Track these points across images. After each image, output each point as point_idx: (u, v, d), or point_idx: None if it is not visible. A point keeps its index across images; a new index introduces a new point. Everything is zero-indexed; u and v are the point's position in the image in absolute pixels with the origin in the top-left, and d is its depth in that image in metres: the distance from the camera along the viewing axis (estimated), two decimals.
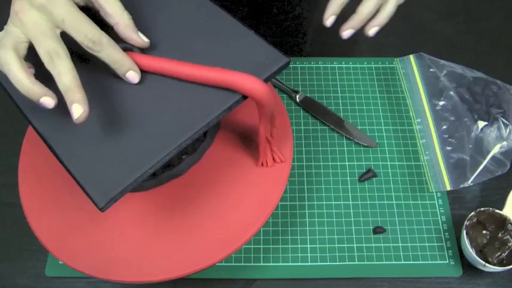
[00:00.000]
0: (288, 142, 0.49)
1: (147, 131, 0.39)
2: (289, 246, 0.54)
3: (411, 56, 0.66)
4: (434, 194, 0.58)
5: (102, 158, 0.38)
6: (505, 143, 0.58)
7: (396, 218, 0.56)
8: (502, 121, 0.59)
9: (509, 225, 0.51)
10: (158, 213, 0.46)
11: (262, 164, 0.48)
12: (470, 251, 0.50)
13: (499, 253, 0.50)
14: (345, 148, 0.61)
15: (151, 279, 0.43)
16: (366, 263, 0.53)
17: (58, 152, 0.39)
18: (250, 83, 0.37)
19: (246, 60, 0.40)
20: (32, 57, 0.37)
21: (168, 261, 0.43)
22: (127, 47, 0.40)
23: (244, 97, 0.39)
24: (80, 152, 0.38)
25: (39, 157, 0.49)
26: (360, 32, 0.71)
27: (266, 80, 0.39)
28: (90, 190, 0.37)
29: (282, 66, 0.39)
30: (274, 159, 0.48)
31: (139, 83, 0.41)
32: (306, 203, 0.57)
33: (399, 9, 0.46)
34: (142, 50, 0.41)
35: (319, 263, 0.53)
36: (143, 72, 0.41)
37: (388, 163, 0.60)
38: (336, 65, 0.67)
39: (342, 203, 0.57)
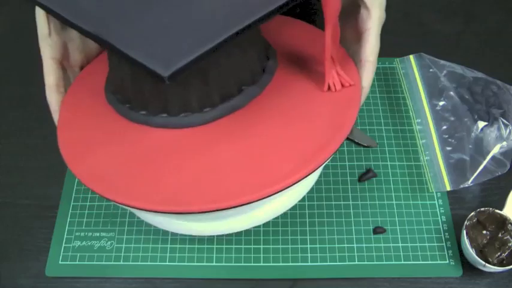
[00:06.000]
0: (352, 67, 0.46)
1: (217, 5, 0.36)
2: (289, 246, 0.54)
3: (411, 56, 0.66)
4: (434, 194, 0.58)
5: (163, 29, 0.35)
6: (505, 143, 0.58)
7: (396, 218, 0.56)
8: (502, 121, 0.59)
9: (510, 225, 0.51)
10: (212, 146, 0.42)
11: (329, 88, 0.44)
12: (470, 251, 0.50)
13: (499, 253, 0.50)
14: (345, 148, 0.61)
15: (189, 209, 0.38)
16: (366, 263, 0.53)
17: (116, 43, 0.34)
18: None
19: None
20: None
21: (217, 189, 0.39)
22: None
23: None
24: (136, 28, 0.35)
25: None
26: None
27: None
28: (148, 61, 0.33)
29: None
30: (342, 84, 0.44)
31: None
32: (306, 203, 0.57)
33: (399, 9, 0.46)
34: None
35: (319, 263, 0.53)
36: None
37: (388, 163, 0.60)
38: None
39: (342, 203, 0.57)
